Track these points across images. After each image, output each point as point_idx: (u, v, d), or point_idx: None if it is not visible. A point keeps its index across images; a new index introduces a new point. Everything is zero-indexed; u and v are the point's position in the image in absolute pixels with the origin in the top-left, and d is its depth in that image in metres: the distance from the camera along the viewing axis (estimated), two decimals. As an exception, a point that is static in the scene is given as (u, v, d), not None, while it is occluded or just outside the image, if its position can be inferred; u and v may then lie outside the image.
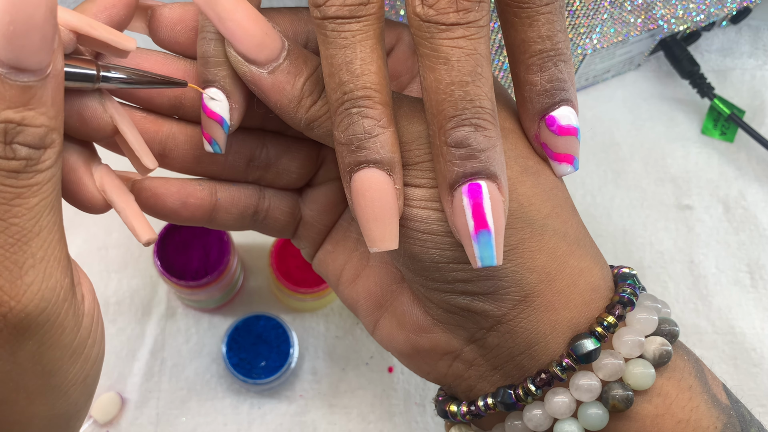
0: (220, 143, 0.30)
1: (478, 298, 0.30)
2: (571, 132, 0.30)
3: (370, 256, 0.35)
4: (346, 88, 0.27)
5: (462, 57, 0.26)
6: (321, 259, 0.37)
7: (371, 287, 0.35)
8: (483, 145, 0.26)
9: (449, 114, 0.26)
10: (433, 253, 0.29)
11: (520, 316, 0.30)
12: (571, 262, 0.31)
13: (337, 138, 0.28)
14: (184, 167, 0.34)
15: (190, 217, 0.34)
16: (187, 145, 0.33)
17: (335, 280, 0.36)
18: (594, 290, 0.31)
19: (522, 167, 0.30)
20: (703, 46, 0.63)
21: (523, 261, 0.30)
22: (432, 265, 0.30)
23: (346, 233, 0.36)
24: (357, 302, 0.36)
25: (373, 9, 0.26)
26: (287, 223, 0.36)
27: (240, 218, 0.35)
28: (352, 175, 0.28)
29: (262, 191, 0.35)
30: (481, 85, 0.26)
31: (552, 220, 0.31)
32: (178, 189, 0.33)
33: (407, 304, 0.33)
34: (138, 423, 0.51)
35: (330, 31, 0.26)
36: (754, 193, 0.59)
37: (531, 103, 0.30)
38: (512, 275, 0.30)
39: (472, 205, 0.27)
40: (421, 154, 0.29)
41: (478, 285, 0.30)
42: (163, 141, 0.32)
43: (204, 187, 0.34)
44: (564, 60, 0.29)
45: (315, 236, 0.36)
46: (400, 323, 0.34)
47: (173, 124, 0.33)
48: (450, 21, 0.25)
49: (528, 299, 0.30)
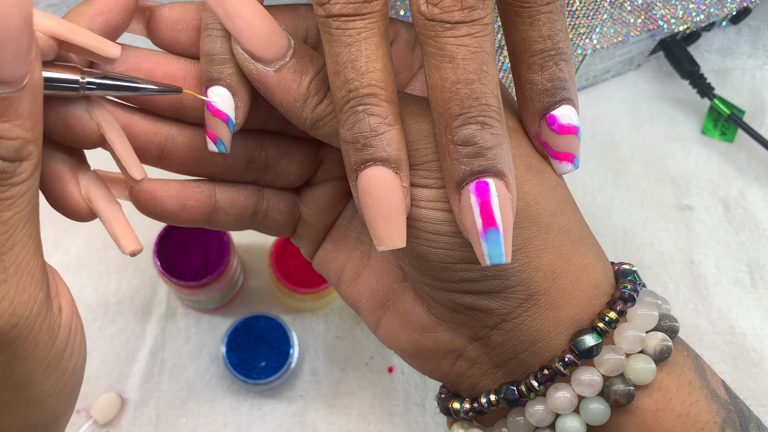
0: (225, 142, 0.30)
1: (483, 296, 0.30)
2: (571, 131, 0.30)
3: (371, 255, 0.35)
4: (352, 86, 0.26)
5: (467, 55, 0.26)
6: (321, 258, 0.37)
7: (373, 286, 0.35)
8: (490, 143, 0.26)
9: (455, 112, 0.26)
10: (441, 253, 0.29)
11: (525, 314, 0.31)
12: (575, 260, 0.31)
13: (342, 136, 0.27)
14: (183, 169, 0.33)
15: (189, 219, 0.33)
16: (186, 147, 0.32)
17: (336, 279, 0.36)
18: (596, 286, 0.31)
19: (526, 166, 0.30)
20: (703, 47, 0.63)
21: (529, 260, 0.30)
22: (439, 265, 0.30)
23: (346, 232, 0.36)
24: (359, 301, 0.36)
25: (377, 6, 0.26)
26: (286, 222, 0.36)
27: (239, 219, 0.35)
28: (359, 174, 0.27)
29: (260, 191, 0.35)
30: (486, 82, 0.26)
31: (557, 218, 0.31)
32: (177, 191, 0.33)
33: (410, 303, 0.33)
34: (138, 423, 0.51)
35: (334, 29, 0.26)
36: (754, 194, 0.59)
37: (532, 102, 0.30)
38: (519, 274, 0.30)
39: (480, 203, 0.27)
40: (428, 154, 0.29)
41: (484, 284, 0.30)
42: (162, 143, 0.32)
43: (203, 188, 0.33)
44: (565, 59, 0.29)
45: (314, 235, 0.36)
46: (402, 322, 0.34)
47: (172, 126, 0.32)
48: (455, 19, 0.25)
49: (533, 297, 0.30)
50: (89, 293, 0.54)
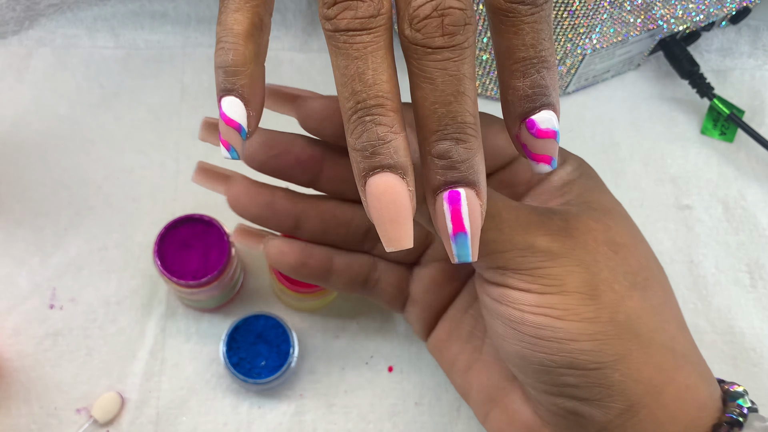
0: (238, 150, 0.31)
1: (585, 403, 0.31)
2: (549, 135, 0.31)
3: (483, 350, 0.38)
4: (359, 98, 0.27)
5: (446, 78, 0.27)
6: (435, 345, 0.40)
7: (483, 381, 0.37)
8: (463, 157, 0.28)
9: (433, 128, 0.28)
10: (543, 357, 0.31)
11: (625, 425, 0.31)
12: (678, 378, 0.32)
13: (351, 144, 0.28)
14: (312, 237, 0.40)
15: (307, 275, 0.40)
16: (316, 219, 0.40)
17: (449, 367, 0.39)
18: (700, 408, 0.32)
19: (631, 282, 0.32)
20: (703, 46, 0.63)
21: (630, 372, 0.31)
22: (542, 369, 0.31)
23: (459, 325, 0.39)
24: (469, 392, 0.38)
25: (383, 21, 0.27)
26: (394, 295, 0.40)
27: (351, 283, 0.41)
28: (367, 180, 0.28)
29: (374, 262, 0.41)
30: (463, 102, 0.27)
31: (659, 335, 0.32)
32: (301, 250, 0.40)
33: (518, 402, 0.35)
34: (138, 423, 0.51)
35: (342, 42, 0.27)
36: (754, 193, 0.59)
37: (513, 106, 0.31)
38: (619, 384, 0.31)
39: (451, 210, 0.28)
40: (534, 262, 0.31)
41: (585, 390, 0.31)
42: (298, 215, 0.40)
43: (323, 252, 0.40)
44: (547, 67, 0.30)
45: (421, 314, 0.40)
46: (510, 420, 0.35)
47: (306, 202, 0.40)
48: (436, 45, 0.27)
49: (633, 409, 0.31)
50: (89, 293, 0.54)
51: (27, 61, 0.60)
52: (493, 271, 0.32)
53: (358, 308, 0.55)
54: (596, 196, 0.36)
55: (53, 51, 0.60)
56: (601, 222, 0.34)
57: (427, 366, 0.53)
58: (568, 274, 0.31)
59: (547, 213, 0.33)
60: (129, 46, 0.61)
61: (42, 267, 0.54)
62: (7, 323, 0.53)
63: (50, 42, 0.60)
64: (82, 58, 0.60)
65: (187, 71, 0.60)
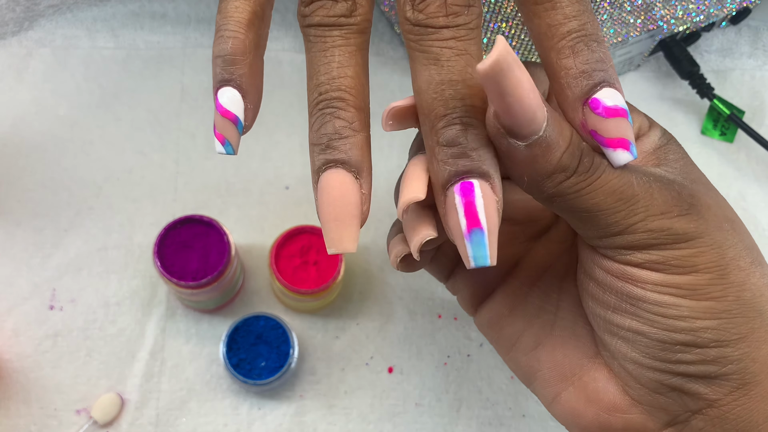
0: (233, 144, 0.29)
1: (694, 380, 0.30)
2: (620, 113, 0.27)
3: (555, 325, 0.34)
4: (322, 89, 0.27)
5: (452, 57, 0.26)
6: (492, 320, 0.36)
7: (558, 358, 0.34)
8: (474, 144, 0.26)
9: (440, 113, 0.26)
10: (663, 334, 0.29)
11: (734, 402, 0.30)
12: None
13: (309, 139, 0.28)
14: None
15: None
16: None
17: (509, 344, 0.35)
18: None
19: (752, 258, 0.30)
20: (703, 47, 0.63)
21: (750, 350, 0.29)
22: (658, 344, 0.29)
23: (527, 299, 0.35)
24: (537, 371, 0.34)
25: (356, 20, 0.27)
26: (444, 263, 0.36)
27: None
28: (320, 176, 0.27)
29: None
30: (472, 84, 0.26)
31: None
32: None
33: (602, 380, 0.32)
34: (138, 424, 0.51)
35: (313, 36, 0.27)
36: (754, 194, 0.59)
37: (570, 89, 0.27)
38: (737, 362, 0.29)
39: (465, 204, 0.26)
40: (667, 243, 0.28)
41: (700, 368, 0.29)
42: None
43: None
44: (596, 40, 0.27)
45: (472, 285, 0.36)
46: (589, 399, 0.33)
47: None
48: (439, 24, 0.26)
49: (746, 387, 0.30)
50: (89, 293, 0.54)
51: (27, 61, 0.60)
52: (616, 248, 0.29)
53: (358, 309, 0.54)
54: (692, 168, 0.33)
55: (53, 52, 0.60)
56: (711, 197, 0.32)
57: (427, 367, 0.53)
58: (700, 254, 0.29)
59: (675, 186, 0.30)
60: (129, 47, 0.61)
61: (42, 268, 0.54)
62: (7, 324, 0.53)
63: (50, 43, 0.60)
64: (81, 59, 0.60)
65: (187, 72, 0.60)
